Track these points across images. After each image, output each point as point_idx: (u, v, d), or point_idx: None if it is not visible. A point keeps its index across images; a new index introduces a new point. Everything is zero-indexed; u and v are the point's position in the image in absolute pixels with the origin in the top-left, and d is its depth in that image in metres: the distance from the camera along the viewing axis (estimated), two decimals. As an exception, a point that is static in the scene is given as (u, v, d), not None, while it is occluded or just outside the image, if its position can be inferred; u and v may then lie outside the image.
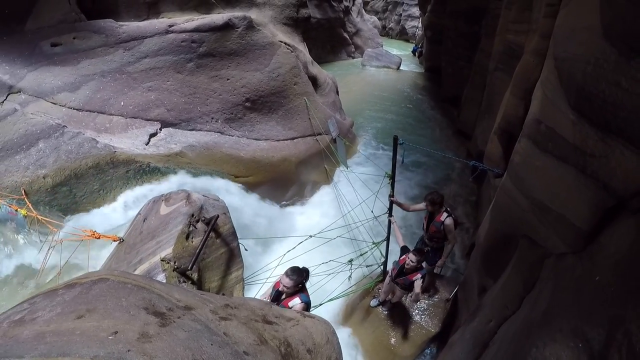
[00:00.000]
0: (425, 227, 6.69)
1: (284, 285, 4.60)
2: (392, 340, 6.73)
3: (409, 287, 6.09)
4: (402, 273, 6.08)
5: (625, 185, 2.61)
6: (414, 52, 35.88)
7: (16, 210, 6.84)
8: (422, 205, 6.69)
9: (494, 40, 11.38)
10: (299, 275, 4.70)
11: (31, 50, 8.97)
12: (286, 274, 4.66)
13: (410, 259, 5.83)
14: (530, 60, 6.91)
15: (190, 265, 4.21)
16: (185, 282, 4.26)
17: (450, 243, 6.55)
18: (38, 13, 9.21)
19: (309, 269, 6.08)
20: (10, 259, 7.09)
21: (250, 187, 9.99)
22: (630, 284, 2.41)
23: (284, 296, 4.67)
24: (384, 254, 7.40)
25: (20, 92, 8.49)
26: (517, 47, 8.83)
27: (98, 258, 6.75)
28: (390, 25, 47.06)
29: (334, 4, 27.78)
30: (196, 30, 10.08)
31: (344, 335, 6.89)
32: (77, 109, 9.02)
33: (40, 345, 1.55)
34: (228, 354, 1.84)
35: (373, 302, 7.26)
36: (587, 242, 3.05)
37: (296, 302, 4.56)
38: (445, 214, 6.34)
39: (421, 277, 5.93)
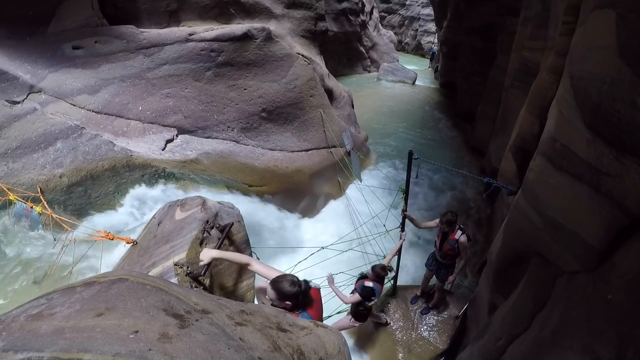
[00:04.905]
0: (438, 245, 6.68)
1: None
2: (400, 356, 6.71)
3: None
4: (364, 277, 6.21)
5: (640, 205, 2.62)
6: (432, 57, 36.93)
7: (31, 208, 6.93)
8: (433, 223, 6.70)
9: (509, 57, 11.40)
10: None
11: (53, 52, 9.13)
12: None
13: (369, 272, 6.08)
14: (546, 78, 6.92)
15: (203, 271, 4.24)
16: (197, 287, 4.29)
17: (463, 259, 6.53)
18: (61, 16, 9.37)
19: (320, 280, 6.09)
20: (23, 256, 7.17)
21: (263, 196, 10.05)
22: (642, 303, 2.41)
23: None
24: (394, 269, 7.39)
25: (40, 92, 8.64)
26: (533, 64, 8.83)
27: (109, 259, 6.82)
28: (406, 40, 47.25)
29: (351, 17, 27.96)
30: (215, 39, 10.22)
31: (352, 349, 6.88)
32: (95, 112, 9.18)
33: (59, 341, 1.57)
34: (244, 358, 1.87)
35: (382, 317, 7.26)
36: (600, 261, 3.04)
37: None
38: (459, 232, 6.33)
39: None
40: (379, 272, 5.94)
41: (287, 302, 3.48)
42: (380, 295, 6.15)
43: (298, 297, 3.53)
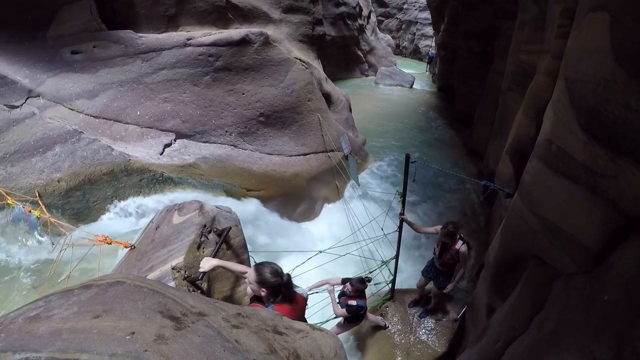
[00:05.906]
0: (437, 253, 6.58)
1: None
2: (398, 359, 6.69)
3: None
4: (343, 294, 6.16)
5: (635, 205, 2.62)
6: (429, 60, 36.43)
7: (30, 212, 6.92)
8: (433, 230, 6.58)
9: (506, 61, 11.44)
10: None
11: (52, 57, 9.15)
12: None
13: (348, 288, 5.92)
14: (542, 81, 6.93)
15: (200, 275, 4.24)
16: (195, 291, 4.29)
17: (462, 267, 6.47)
18: (60, 20, 9.40)
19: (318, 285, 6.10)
20: (21, 260, 7.17)
21: (261, 201, 10.05)
22: (638, 303, 2.42)
23: None
24: (392, 272, 7.39)
25: (39, 96, 8.65)
26: (530, 67, 8.86)
27: (107, 263, 6.81)
28: (404, 44, 47.28)
29: (348, 22, 28.00)
30: (213, 44, 10.25)
31: (350, 352, 6.87)
32: (94, 116, 9.18)
33: (57, 342, 1.59)
34: (239, 360, 1.88)
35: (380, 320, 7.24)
36: (597, 262, 3.05)
37: None
38: (460, 242, 6.25)
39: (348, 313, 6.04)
40: (358, 287, 5.85)
41: (263, 290, 3.36)
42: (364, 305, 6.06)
43: (277, 289, 3.38)
